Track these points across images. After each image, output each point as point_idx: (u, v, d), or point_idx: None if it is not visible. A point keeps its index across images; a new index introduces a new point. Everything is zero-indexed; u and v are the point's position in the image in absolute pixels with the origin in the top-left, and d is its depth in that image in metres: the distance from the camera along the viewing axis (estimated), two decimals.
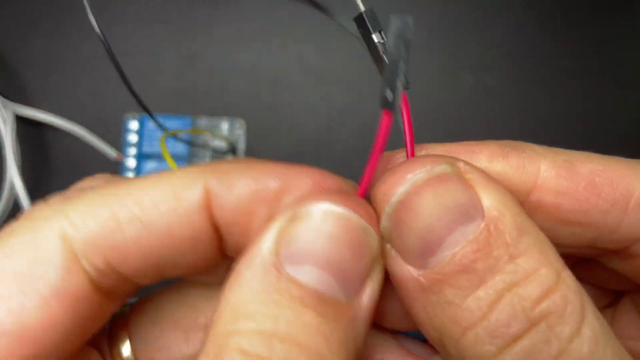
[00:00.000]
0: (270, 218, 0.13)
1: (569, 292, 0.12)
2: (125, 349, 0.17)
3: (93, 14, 0.21)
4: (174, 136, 0.35)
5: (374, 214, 0.14)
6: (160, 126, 0.27)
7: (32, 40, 0.36)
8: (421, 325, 0.13)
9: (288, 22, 0.36)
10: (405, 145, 0.14)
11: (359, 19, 0.13)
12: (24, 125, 0.35)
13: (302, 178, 0.14)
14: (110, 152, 0.35)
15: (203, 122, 0.36)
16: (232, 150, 0.35)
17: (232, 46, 0.36)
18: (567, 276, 0.12)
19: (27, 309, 0.12)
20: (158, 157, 0.35)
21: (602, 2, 0.36)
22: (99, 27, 0.21)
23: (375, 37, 0.13)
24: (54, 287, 0.13)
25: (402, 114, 0.14)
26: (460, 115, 0.35)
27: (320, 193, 0.14)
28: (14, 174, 0.32)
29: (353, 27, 0.17)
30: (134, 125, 0.36)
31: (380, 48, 0.13)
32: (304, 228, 0.13)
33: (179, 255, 0.14)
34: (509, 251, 0.12)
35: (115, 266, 0.13)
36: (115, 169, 0.35)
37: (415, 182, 0.13)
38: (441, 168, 0.13)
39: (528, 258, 0.12)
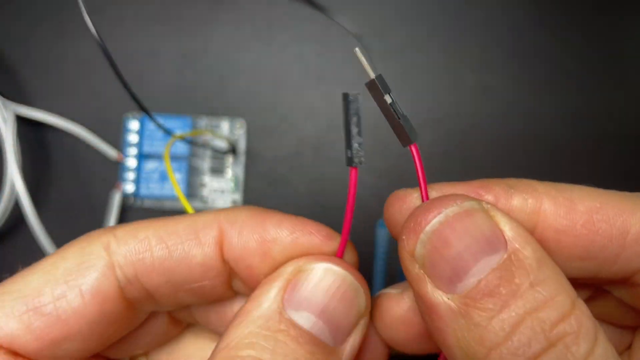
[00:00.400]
0: (273, 266, 0.17)
1: (583, 317, 0.13)
2: None
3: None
4: (173, 135, 0.35)
5: (362, 277, 0.16)
6: (160, 126, 0.27)
7: (32, 40, 0.36)
8: (447, 347, 0.15)
9: (288, 22, 0.36)
10: (420, 186, 0.16)
11: (372, 84, 0.16)
12: (24, 125, 0.35)
13: (307, 234, 0.17)
14: (110, 152, 0.35)
15: (203, 122, 0.36)
16: (233, 150, 0.35)
17: (232, 46, 0.36)
18: (581, 304, 0.14)
19: (66, 298, 0.16)
20: (158, 156, 0.35)
21: (602, 2, 0.36)
22: (96, 28, 0.21)
23: (387, 99, 0.16)
24: (90, 285, 0.16)
25: (415, 161, 0.16)
26: (460, 115, 0.35)
27: (323, 254, 0.17)
28: (14, 174, 0.32)
29: (351, 26, 0.19)
30: (134, 125, 0.36)
31: (391, 108, 0.16)
32: (307, 281, 0.16)
33: (192, 279, 0.17)
34: (529, 279, 0.14)
35: (140, 279, 0.17)
36: (115, 169, 0.35)
37: (447, 215, 0.14)
38: (470, 204, 0.15)
39: (546, 286, 0.14)
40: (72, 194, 0.35)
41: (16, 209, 0.33)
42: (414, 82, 0.36)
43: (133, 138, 0.36)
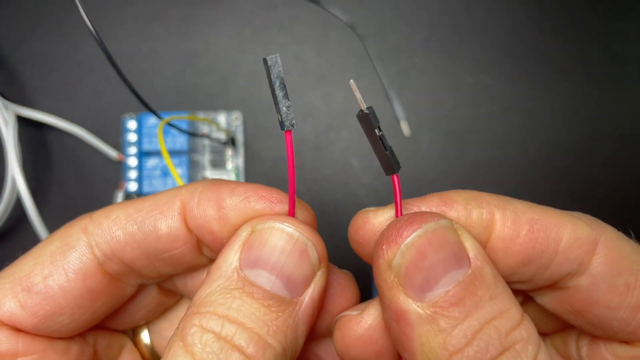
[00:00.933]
0: (231, 230, 0.18)
1: (530, 327, 0.16)
2: (145, 336, 0.23)
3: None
4: (174, 129, 0.35)
5: (313, 232, 0.18)
6: (158, 115, 0.27)
7: (32, 41, 0.36)
8: (410, 352, 0.16)
9: (288, 22, 0.36)
10: (395, 205, 0.18)
11: (363, 117, 0.17)
12: (25, 125, 0.35)
13: (259, 198, 0.18)
14: (111, 152, 0.35)
15: (200, 116, 0.36)
16: (232, 141, 0.35)
17: (232, 46, 0.36)
18: (527, 316, 0.16)
19: (53, 277, 0.18)
20: (158, 154, 0.36)
21: (602, 2, 0.36)
22: (96, 28, 0.21)
23: (376, 131, 0.17)
24: (72, 264, 0.18)
25: (395, 189, 0.17)
26: (460, 115, 0.36)
27: (272, 214, 0.18)
28: (16, 174, 0.32)
29: (345, 16, 0.19)
30: (132, 124, 0.36)
31: (380, 140, 0.17)
32: (258, 240, 0.17)
33: (162, 249, 0.18)
34: (489, 293, 0.16)
35: (117, 254, 0.18)
36: (116, 168, 0.35)
37: (427, 230, 0.16)
38: (445, 222, 0.16)
39: (502, 299, 0.16)
40: (73, 193, 0.35)
41: (18, 209, 0.33)
42: (413, 82, 0.36)
43: (132, 137, 0.36)
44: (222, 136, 0.35)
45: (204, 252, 0.19)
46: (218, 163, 0.36)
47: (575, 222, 0.17)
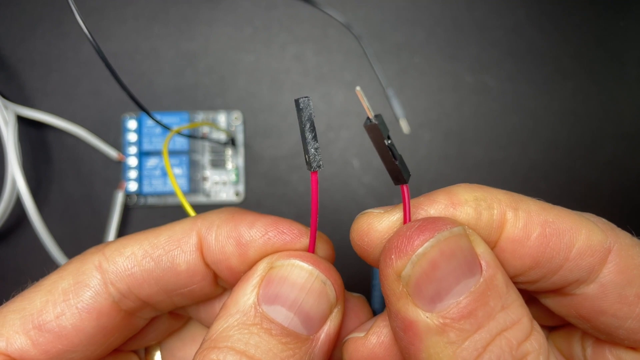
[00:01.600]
0: (250, 265, 0.18)
1: (540, 337, 0.15)
2: (157, 356, 0.22)
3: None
4: (170, 130, 0.35)
5: (332, 269, 0.18)
6: (158, 122, 0.27)
7: (32, 41, 0.36)
8: None
9: (287, 21, 0.36)
10: (404, 212, 0.17)
11: (372, 127, 0.16)
12: (25, 125, 0.35)
13: (279, 233, 0.18)
14: (111, 152, 0.35)
15: (200, 116, 0.36)
16: (232, 141, 0.35)
17: (232, 46, 0.36)
18: (536, 324, 0.16)
19: (66, 315, 0.17)
20: (158, 153, 0.36)
21: (601, 2, 0.36)
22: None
23: (386, 142, 0.16)
24: (86, 303, 0.17)
25: (404, 198, 0.17)
26: (460, 115, 0.36)
27: (292, 250, 0.18)
28: (16, 174, 0.32)
29: (344, 16, 0.19)
30: (132, 124, 0.36)
31: (389, 150, 0.16)
32: (278, 276, 0.17)
33: (181, 285, 0.18)
34: (501, 302, 0.15)
35: (134, 291, 0.18)
36: (117, 168, 0.35)
37: (439, 239, 0.15)
38: (458, 229, 0.16)
39: (514, 309, 0.15)
40: (73, 193, 0.35)
41: (18, 209, 0.33)
42: (413, 82, 0.36)
43: (132, 137, 0.36)
44: (222, 136, 0.35)
45: (219, 283, 0.19)
46: (218, 163, 0.36)
47: (589, 228, 0.16)
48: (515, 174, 0.35)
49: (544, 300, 0.18)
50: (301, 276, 0.17)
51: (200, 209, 0.36)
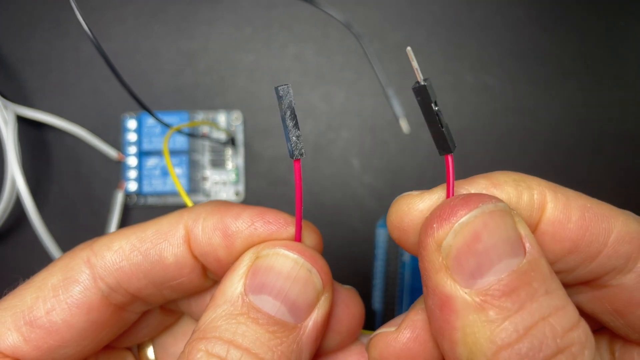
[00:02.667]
0: (237, 256, 0.18)
1: (587, 329, 0.14)
2: (150, 352, 0.22)
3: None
4: (172, 129, 0.35)
5: (318, 257, 0.18)
6: (160, 121, 0.27)
7: (32, 40, 0.36)
8: (451, 343, 0.15)
9: (287, 21, 0.36)
10: (448, 185, 0.17)
11: (420, 90, 0.16)
12: (25, 125, 0.35)
13: (265, 223, 0.18)
14: (111, 152, 0.35)
15: (200, 116, 0.36)
16: (232, 141, 0.35)
17: (232, 46, 0.36)
18: (582, 318, 0.15)
19: (56, 311, 0.17)
20: (158, 153, 0.36)
21: (602, 2, 0.36)
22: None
23: (434, 107, 0.16)
24: (75, 297, 0.18)
25: (448, 169, 0.16)
26: (460, 115, 0.36)
27: (279, 240, 0.18)
28: (15, 174, 0.32)
29: (344, 15, 0.19)
30: (132, 124, 0.36)
31: (436, 115, 0.16)
32: (264, 266, 0.17)
33: (170, 277, 0.18)
34: (545, 286, 0.14)
35: (123, 285, 0.18)
36: (117, 168, 0.35)
37: (484, 211, 0.15)
38: (503, 205, 0.15)
39: (559, 295, 0.14)
40: (73, 193, 0.35)
41: (17, 208, 0.33)
42: (413, 82, 0.36)
43: (132, 137, 0.36)
44: (222, 136, 0.35)
45: (208, 275, 0.19)
46: (218, 163, 0.36)
47: (626, 216, 0.16)
48: None
49: (576, 296, 0.18)
50: (286, 265, 0.17)
51: None
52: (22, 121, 0.34)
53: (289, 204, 0.35)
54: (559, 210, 0.16)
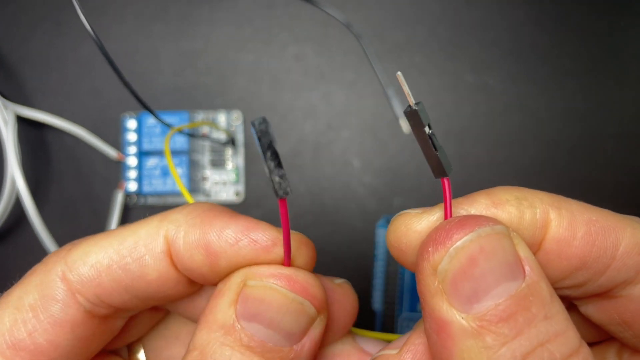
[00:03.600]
0: (222, 275, 0.17)
1: (588, 356, 0.14)
2: (141, 355, 0.21)
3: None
4: (173, 129, 0.35)
5: (310, 284, 0.17)
6: (162, 121, 0.27)
7: (32, 40, 0.36)
8: None
9: (287, 21, 0.36)
10: (445, 208, 0.16)
11: (412, 114, 0.15)
12: (25, 125, 0.35)
13: (251, 243, 0.17)
14: (110, 152, 0.35)
15: (200, 116, 0.36)
16: (232, 141, 0.35)
17: (232, 46, 0.36)
18: (584, 342, 0.14)
19: (38, 332, 0.16)
20: (159, 153, 0.36)
21: (602, 2, 0.36)
22: (96, 27, 0.21)
23: (426, 130, 0.15)
24: (56, 316, 0.17)
25: (445, 193, 0.16)
26: (460, 115, 0.35)
27: (266, 265, 0.17)
28: (15, 174, 0.32)
29: (344, 15, 0.18)
30: (132, 124, 0.36)
31: (429, 139, 0.15)
32: (253, 296, 0.16)
33: (153, 292, 0.17)
34: (544, 310, 0.14)
35: (104, 300, 0.17)
36: (117, 168, 0.35)
37: (480, 234, 0.14)
38: (500, 228, 0.15)
39: (559, 320, 0.14)
40: (73, 193, 0.35)
41: (17, 209, 0.33)
42: (413, 82, 0.36)
43: (132, 137, 0.36)
44: (222, 136, 0.35)
45: (196, 281, 0.19)
46: (218, 163, 0.36)
47: (634, 226, 0.16)
48: (516, 174, 0.35)
49: (584, 307, 0.18)
50: (276, 299, 0.16)
51: None
52: (22, 121, 0.34)
53: (289, 204, 0.35)
54: (564, 228, 0.16)
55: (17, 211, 0.34)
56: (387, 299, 0.33)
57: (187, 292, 0.18)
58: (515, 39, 0.36)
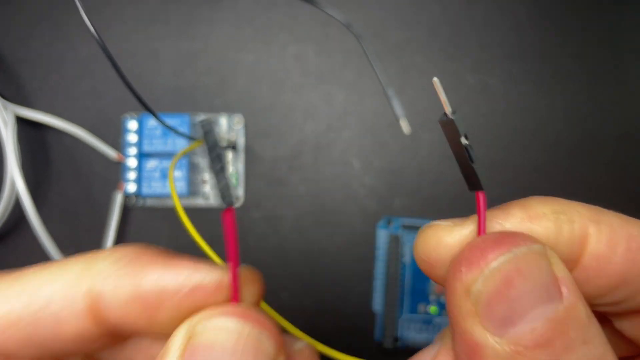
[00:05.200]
0: (163, 329, 0.15)
1: None
2: None
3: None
4: (176, 133, 0.35)
5: (264, 316, 0.15)
6: (163, 124, 0.27)
7: (32, 41, 0.36)
8: None
9: (288, 21, 0.36)
10: (479, 222, 0.15)
11: (447, 123, 0.14)
12: (24, 126, 0.35)
13: (192, 291, 0.15)
14: (110, 152, 0.35)
15: (201, 118, 0.36)
16: (233, 146, 0.35)
17: (232, 46, 0.36)
18: None
19: None
20: (159, 155, 0.36)
21: (603, 2, 0.36)
22: (95, 27, 0.21)
23: (462, 141, 0.14)
24: None
25: (479, 207, 0.15)
26: (460, 115, 0.35)
27: (211, 309, 0.15)
28: (15, 175, 0.32)
29: (344, 16, 0.18)
30: (132, 125, 0.36)
31: (466, 151, 0.14)
32: (202, 345, 0.14)
33: (74, 351, 0.15)
34: (583, 335, 0.13)
35: (17, 354, 0.15)
36: (116, 169, 0.35)
37: (517, 255, 0.14)
38: (538, 247, 0.14)
39: (597, 344, 0.13)
40: (72, 194, 0.35)
41: (17, 210, 0.33)
42: (413, 82, 0.36)
43: (132, 138, 0.36)
44: (223, 142, 0.35)
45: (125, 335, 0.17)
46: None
47: None
48: (517, 175, 0.35)
49: (619, 323, 0.17)
50: (229, 339, 0.14)
51: (199, 212, 0.35)
52: (21, 122, 0.34)
53: (289, 205, 0.35)
54: (603, 244, 0.15)
55: (17, 212, 0.33)
56: (387, 300, 0.33)
57: (113, 344, 0.17)
58: (516, 40, 0.36)
